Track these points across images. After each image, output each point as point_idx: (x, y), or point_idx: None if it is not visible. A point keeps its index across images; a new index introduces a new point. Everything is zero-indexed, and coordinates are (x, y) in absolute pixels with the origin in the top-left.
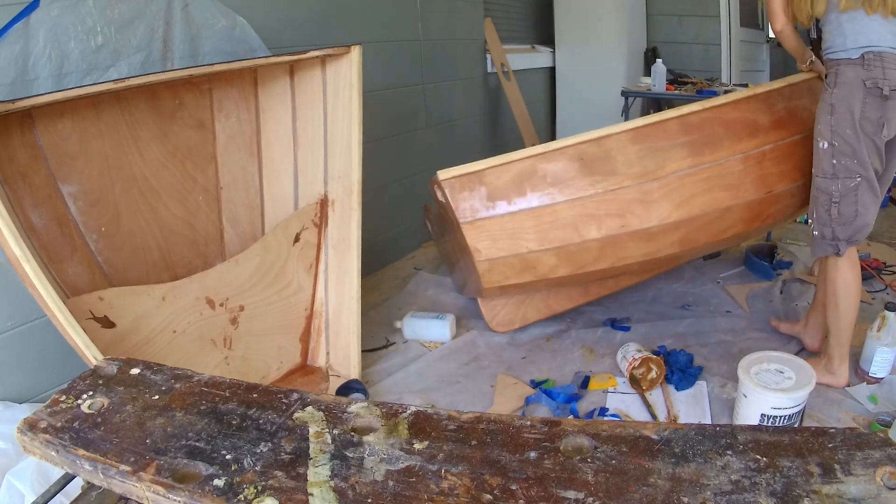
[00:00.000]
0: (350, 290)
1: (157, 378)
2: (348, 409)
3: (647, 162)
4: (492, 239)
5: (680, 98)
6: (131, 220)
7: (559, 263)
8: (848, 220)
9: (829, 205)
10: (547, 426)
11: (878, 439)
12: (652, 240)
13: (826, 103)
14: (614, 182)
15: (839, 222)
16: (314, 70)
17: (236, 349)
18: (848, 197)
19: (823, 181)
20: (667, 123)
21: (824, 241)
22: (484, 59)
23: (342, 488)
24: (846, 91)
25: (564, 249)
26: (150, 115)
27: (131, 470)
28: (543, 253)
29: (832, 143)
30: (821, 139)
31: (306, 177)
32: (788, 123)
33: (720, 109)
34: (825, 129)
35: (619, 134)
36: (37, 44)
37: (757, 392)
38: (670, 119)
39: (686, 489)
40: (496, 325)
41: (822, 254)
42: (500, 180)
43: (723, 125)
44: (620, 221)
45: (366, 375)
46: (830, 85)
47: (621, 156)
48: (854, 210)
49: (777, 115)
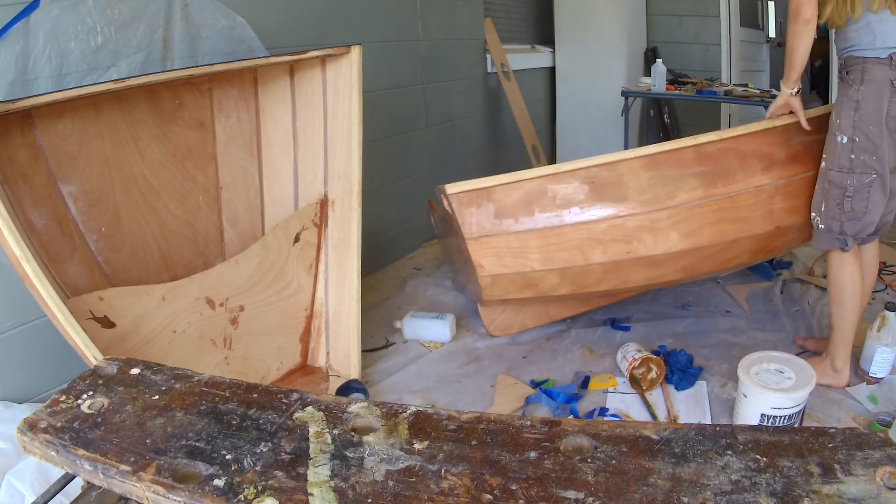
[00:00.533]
0: (350, 290)
1: (157, 378)
2: (348, 409)
3: (658, 190)
4: (496, 256)
5: (680, 98)
6: (131, 220)
7: (561, 283)
8: (858, 216)
9: (842, 199)
10: (547, 426)
11: (878, 439)
12: (656, 266)
13: (850, 99)
14: (624, 209)
15: (849, 217)
16: (314, 70)
17: (236, 349)
18: (861, 192)
19: (839, 175)
20: (682, 152)
21: (831, 235)
22: (484, 59)
23: (342, 488)
24: (874, 89)
25: (568, 271)
26: (150, 115)
27: (131, 470)
28: (547, 273)
29: (853, 138)
30: (840, 134)
31: (306, 177)
32: (804, 158)
33: (737, 140)
34: (846, 125)
35: (633, 160)
36: (37, 44)
37: (757, 392)
38: (686, 148)
39: (686, 489)
40: (494, 330)
41: (827, 247)
42: (509, 199)
43: (738, 157)
44: (626, 248)
45: (366, 375)
46: (856, 82)
47: (633, 182)
48: (865, 206)
49: (793, 149)
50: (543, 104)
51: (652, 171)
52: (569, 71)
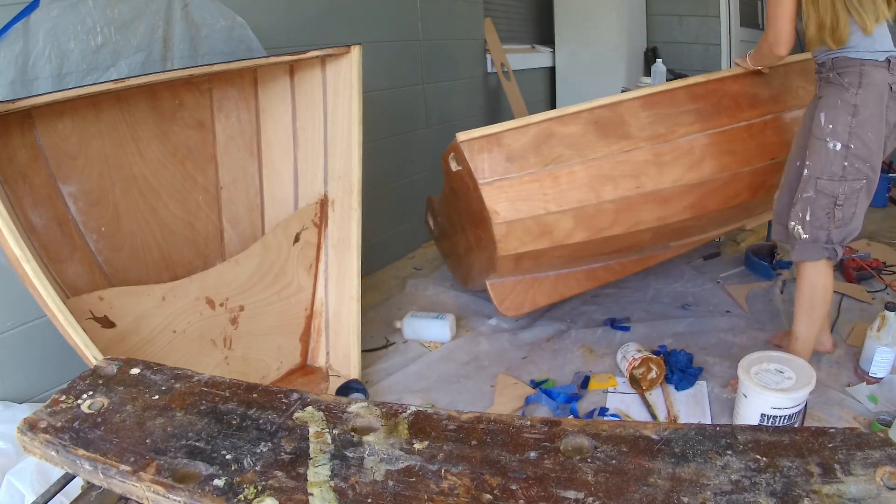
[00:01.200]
0: (350, 290)
1: (157, 378)
2: (348, 409)
3: (657, 126)
4: (510, 200)
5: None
6: (131, 220)
7: (576, 227)
8: (846, 223)
9: (832, 208)
10: (547, 426)
11: (878, 439)
12: (665, 203)
13: (847, 104)
14: (628, 144)
15: (837, 225)
16: (314, 70)
17: (236, 349)
18: (850, 199)
19: (829, 183)
20: (675, 92)
21: (817, 245)
22: (484, 59)
23: (342, 488)
24: (874, 93)
25: (581, 211)
26: (150, 115)
27: (131, 470)
28: (561, 215)
29: (848, 144)
30: (833, 140)
31: (306, 177)
32: (786, 98)
33: (722, 82)
34: (842, 130)
35: (631, 101)
36: (37, 44)
37: (757, 392)
38: (677, 88)
39: (686, 489)
40: (505, 309)
41: (814, 258)
42: (518, 142)
43: (726, 96)
44: (635, 182)
45: (366, 375)
46: (853, 85)
47: (634, 120)
48: (852, 212)
49: (775, 90)
50: (543, 104)
51: (649, 109)
52: (569, 71)
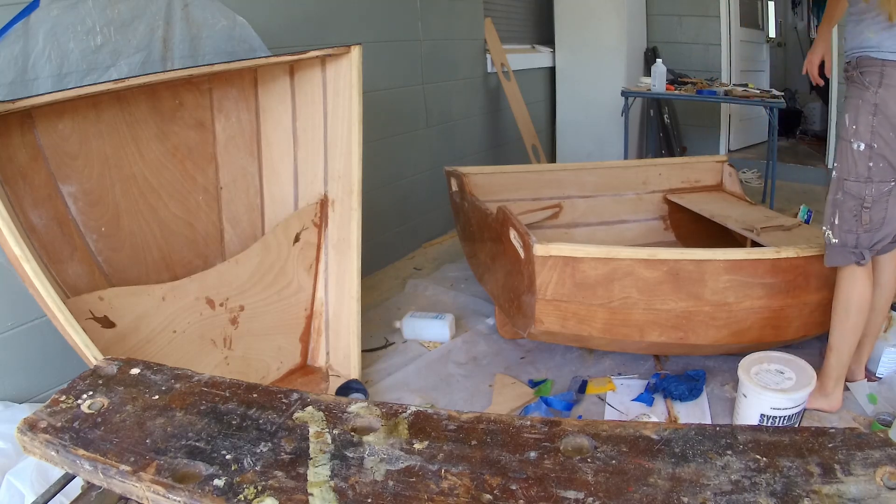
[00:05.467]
0: (350, 290)
1: (157, 378)
2: (348, 409)
3: (729, 294)
4: (561, 318)
5: (680, 98)
6: (131, 220)
7: (606, 344)
8: (875, 227)
9: (860, 210)
10: (547, 426)
11: (878, 439)
12: (694, 350)
13: (868, 103)
14: (695, 304)
15: (866, 229)
16: (314, 70)
17: (236, 349)
18: (880, 202)
19: (856, 185)
20: (761, 262)
21: (846, 250)
22: (484, 59)
23: (342, 488)
24: (894, 93)
25: (620, 341)
26: (150, 115)
27: (131, 470)
28: (601, 338)
29: (871, 144)
30: (857, 140)
31: (306, 177)
32: None
33: (809, 260)
34: (864, 130)
35: (718, 262)
36: (37, 44)
37: (757, 392)
38: (765, 259)
39: (686, 489)
40: (505, 333)
41: (842, 263)
42: (595, 272)
43: (803, 275)
44: (680, 334)
45: (366, 375)
46: (874, 84)
47: (712, 282)
48: (883, 216)
49: None
50: (543, 104)
51: (731, 274)
52: (569, 71)
